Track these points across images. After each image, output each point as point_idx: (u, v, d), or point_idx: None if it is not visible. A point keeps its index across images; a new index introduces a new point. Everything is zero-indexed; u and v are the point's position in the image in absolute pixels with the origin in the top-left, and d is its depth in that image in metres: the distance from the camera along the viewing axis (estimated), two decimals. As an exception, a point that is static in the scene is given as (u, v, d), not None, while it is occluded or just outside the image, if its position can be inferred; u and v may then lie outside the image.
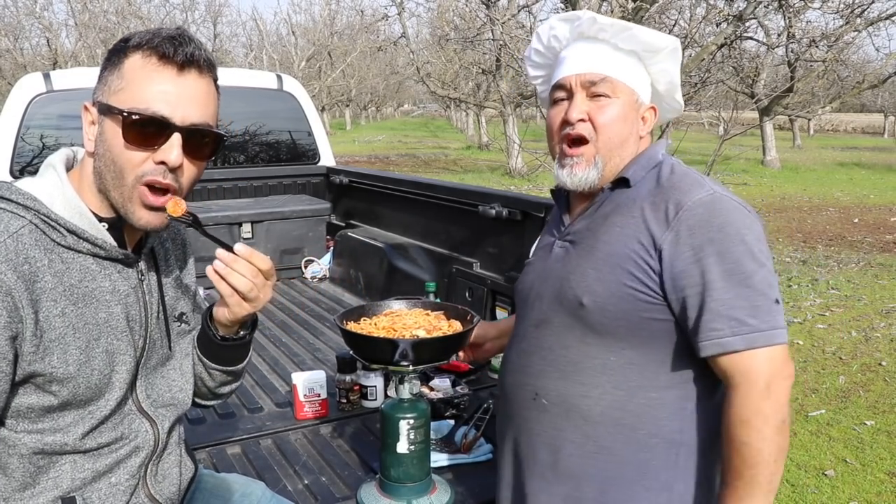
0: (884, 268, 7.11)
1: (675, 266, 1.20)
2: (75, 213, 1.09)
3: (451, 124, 36.43)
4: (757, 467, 1.15)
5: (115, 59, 1.09)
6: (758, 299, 1.17)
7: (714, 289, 1.17)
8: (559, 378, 1.32)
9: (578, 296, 1.28)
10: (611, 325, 1.26)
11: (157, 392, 1.24)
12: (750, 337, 1.16)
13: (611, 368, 1.27)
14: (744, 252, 1.18)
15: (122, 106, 1.06)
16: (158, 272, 1.24)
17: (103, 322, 1.11)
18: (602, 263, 1.27)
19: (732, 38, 8.56)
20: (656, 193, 1.27)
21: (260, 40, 27.76)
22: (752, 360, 1.16)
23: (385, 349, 1.48)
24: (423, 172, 16.07)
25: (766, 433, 1.15)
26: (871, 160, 19.01)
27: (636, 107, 1.35)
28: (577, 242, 1.34)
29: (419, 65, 14.85)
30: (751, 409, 1.16)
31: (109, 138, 1.08)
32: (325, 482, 1.75)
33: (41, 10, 18.90)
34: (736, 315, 1.16)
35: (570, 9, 7.73)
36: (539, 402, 1.34)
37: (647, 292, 1.23)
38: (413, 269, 3.24)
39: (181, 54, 1.08)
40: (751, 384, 1.16)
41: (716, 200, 1.22)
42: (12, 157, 3.54)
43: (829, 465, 3.34)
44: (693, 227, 1.19)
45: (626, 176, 1.32)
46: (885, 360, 4.64)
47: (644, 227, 1.24)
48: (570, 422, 1.30)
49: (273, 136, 4.41)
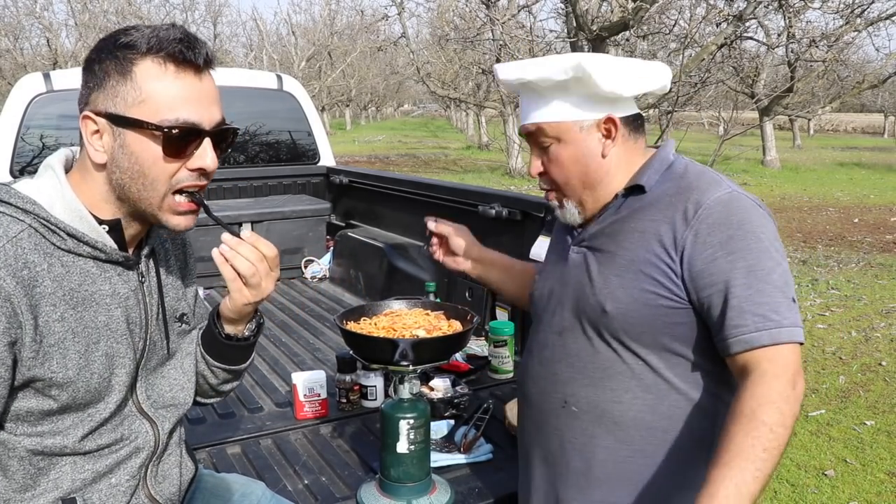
0: (884, 268, 7.11)
1: (695, 266, 1.20)
2: (75, 216, 1.07)
3: (451, 124, 36.41)
4: (770, 451, 1.09)
5: (118, 66, 1.05)
6: (777, 296, 1.16)
7: (736, 286, 1.17)
8: (588, 385, 1.31)
9: (601, 302, 1.28)
10: (635, 331, 1.25)
11: (158, 393, 1.24)
12: (775, 332, 1.15)
13: (639, 373, 1.27)
14: (762, 250, 1.18)
15: (150, 119, 1.04)
16: (158, 273, 1.24)
17: (103, 325, 1.10)
18: (624, 270, 1.27)
19: (732, 38, 8.55)
20: (674, 194, 1.27)
21: (260, 40, 27.74)
22: (778, 353, 1.15)
23: (385, 349, 1.48)
24: (423, 172, 16.07)
25: (788, 421, 1.11)
26: (871, 160, 19.00)
27: (581, 136, 1.30)
28: (597, 249, 1.33)
29: (419, 65, 14.84)
30: (780, 392, 1.12)
31: (138, 151, 1.06)
32: (325, 482, 1.75)
33: (41, 10, 18.90)
34: (759, 311, 1.16)
35: (571, 9, 7.72)
36: (569, 409, 1.34)
37: (670, 296, 1.23)
38: (413, 269, 3.24)
39: (198, 57, 1.06)
40: (779, 372, 1.13)
41: (734, 199, 1.22)
42: (12, 157, 3.54)
43: (829, 465, 3.34)
44: (713, 226, 1.20)
45: (640, 183, 1.31)
46: (885, 360, 4.64)
47: (664, 228, 1.24)
48: (602, 427, 1.30)
49: (273, 136, 4.41)
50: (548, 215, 2.45)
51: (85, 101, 1.08)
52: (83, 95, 1.09)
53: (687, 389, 1.26)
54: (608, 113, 1.30)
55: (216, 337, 1.27)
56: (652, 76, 1.33)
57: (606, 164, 1.32)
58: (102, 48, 1.08)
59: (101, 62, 1.07)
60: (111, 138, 1.07)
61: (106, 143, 1.07)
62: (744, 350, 1.17)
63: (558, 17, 10.83)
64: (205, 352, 1.30)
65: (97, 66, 1.07)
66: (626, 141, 1.33)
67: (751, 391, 1.13)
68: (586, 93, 1.28)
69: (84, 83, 1.09)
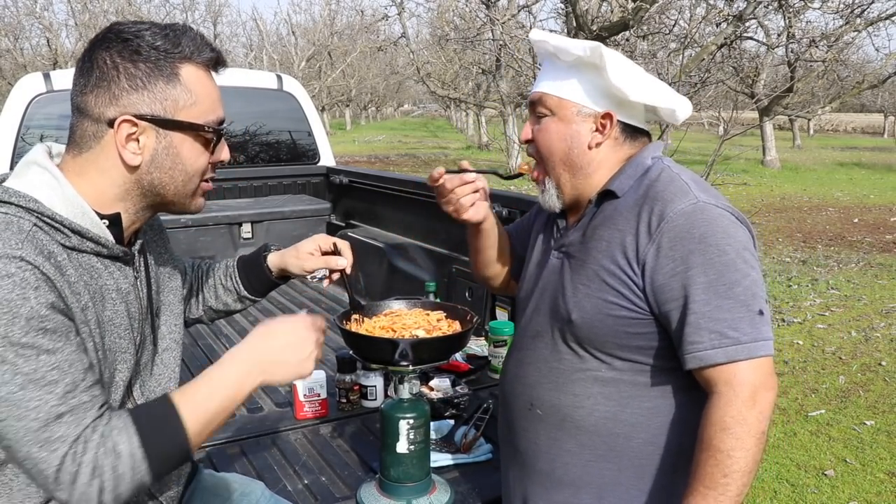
0: (884, 268, 7.11)
1: (656, 280, 1.19)
2: (78, 212, 1.06)
3: (451, 124, 36.41)
4: (731, 475, 1.12)
5: (159, 69, 1.05)
6: (739, 311, 1.14)
7: (694, 301, 1.15)
8: (552, 389, 1.32)
9: (569, 311, 1.28)
10: (599, 340, 1.26)
11: (149, 389, 1.24)
12: (731, 350, 1.14)
13: (602, 380, 1.27)
14: (725, 263, 1.15)
15: (200, 120, 1.10)
16: (147, 266, 1.23)
17: (108, 321, 1.10)
18: (590, 279, 1.27)
19: (732, 38, 8.55)
20: (641, 203, 1.25)
21: (260, 40, 27.75)
22: (735, 371, 1.14)
23: (385, 349, 1.48)
24: (423, 172, 16.04)
25: (747, 443, 1.12)
26: (871, 160, 19.00)
27: (576, 119, 1.30)
28: (571, 255, 1.33)
29: (419, 65, 14.85)
30: (734, 416, 1.12)
31: (184, 151, 1.10)
32: (325, 482, 1.75)
33: (41, 10, 18.89)
34: (716, 328, 1.14)
35: (571, 9, 7.72)
36: (534, 412, 1.35)
37: (631, 308, 1.22)
38: (413, 269, 3.24)
39: (221, 59, 1.13)
40: (735, 393, 1.13)
41: (697, 210, 1.19)
42: (12, 157, 3.53)
43: (829, 465, 3.34)
44: (674, 239, 1.18)
45: (611, 188, 1.30)
46: (885, 360, 4.64)
47: (629, 239, 1.22)
48: (565, 432, 1.31)
49: (273, 136, 4.41)
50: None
51: (109, 103, 1.05)
52: (105, 98, 1.05)
53: (652, 398, 1.25)
54: (610, 110, 1.30)
55: (268, 277, 1.50)
56: (666, 96, 1.31)
57: (590, 156, 1.31)
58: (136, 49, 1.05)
59: (132, 63, 1.05)
60: (154, 140, 1.07)
61: (146, 145, 1.07)
62: (699, 367, 1.16)
63: (558, 17, 10.83)
64: (242, 285, 1.50)
65: (124, 68, 1.04)
66: (617, 143, 1.33)
67: (708, 418, 1.15)
68: (597, 82, 1.28)
69: (103, 85, 1.05)
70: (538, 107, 1.34)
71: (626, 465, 1.27)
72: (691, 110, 1.36)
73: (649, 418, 1.26)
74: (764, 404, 1.14)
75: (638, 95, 1.28)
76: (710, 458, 1.13)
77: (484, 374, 2.38)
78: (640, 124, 1.35)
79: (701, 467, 1.15)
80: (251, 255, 1.54)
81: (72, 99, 1.10)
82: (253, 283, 1.52)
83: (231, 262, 1.55)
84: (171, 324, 1.30)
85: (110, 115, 1.05)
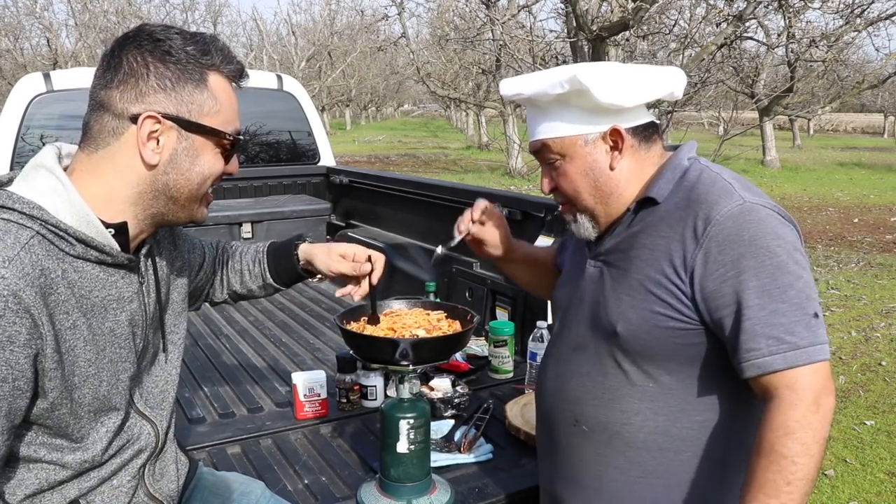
0: (884, 268, 7.11)
1: (706, 286, 1.14)
2: (83, 220, 1.04)
3: (451, 124, 36.40)
4: (795, 483, 1.07)
5: (189, 73, 1.06)
6: (795, 314, 1.10)
7: (748, 307, 1.11)
8: (598, 406, 1.28)
9: (613, 323, 1.23)
10: (647, 352, 1.21)
11: (148, 391, 1.24)
12: (790, 355, 1.10)
13: (651, 395, 1.23)
14: (777, 265, 1.11)
15: (223, 128, 1.12)
16: (156, 269, 1.23)
17: (108, 332, 1.10)
18: (634, 290, 1.22)
19: (732, 38, 8.56)
20: (684, 207, 1.20)
21: (260, 40, 27.74)
22: (797, 376, 1.10)
23: (385, 349, 1.48)
24: (423, 172, 16.06)
25: (812, 449, 1.07)
26: (871, 160, 18.99)
27: (586, 149, 1.26)
28: (611, 264, 1.29)
29: (419, 65, 14.84)
30: (798, 421, 1.08)
31: (203, 155, 1.11)
32: (325, 482, 1.75)
33: (41, 10, 18.88)
34: (773, 333, 1.10)
35: (571, 9, 7.72)
36: (579, 428, 1.31)
37: (680, 318, 1.18)
38: (413, 269, 3.24)
39: (245, 73, 1.16)
40: (798, 397, 1.09)
41: (745, 211, 1.14)
42: (12, 157, 3.53)
43: (829, 464, 3.34)
44: (723, 243, 1.13)
45: (651, 195, 1.24)
46: (885, 360, 4.64)
47: (674, 246, 1.18)
48: (613, 448, 1.27)
49: (273, 136, 4.41)
50: (548, 215, 2.45)
51: (135, 100, 1.05)
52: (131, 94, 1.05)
53: (702, 411, 1.21)
54: (613, 124, 1.24)
55: (298, 271, 1.54)
56: (659, 84, 1.27)
57: (616, 177, 1.27)
58: (167, 50, 1.05)
59: (163, 64, 1.05)
60: (175, 141, 1.07)
61: (166, 144, 1.07)
62: (758, 375, 1.12)
63: (558, 17, 10.82)
64: (270, 275, 1.54)
65: (154, 67, 1.05)
66: (636, 151, 1.28)
67: (769, 422, 1.10)
68: (587, 106, 1.23)
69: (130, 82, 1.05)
70: (545, 154, 1.30)
71: (676, 480, 1.24)
72: (685, 80, 1.31)
73: (699, 432, 1.22)
74: (826, 409, 1.10)
75: (633, 100, 1.24)
76: (773, 465, 1.08)
77: (484, 374, 2.38)
78: (645, 119, 1.30)
79: (761, 474, 1.09)
80: (284, 242, 1.58)
81: (92, 94, 1.08)
82: (280, 272, 1.55)
83: (262, 246, 1.58)
84: (172, 324, 1.30)
85: (135, 110, 1.05)
